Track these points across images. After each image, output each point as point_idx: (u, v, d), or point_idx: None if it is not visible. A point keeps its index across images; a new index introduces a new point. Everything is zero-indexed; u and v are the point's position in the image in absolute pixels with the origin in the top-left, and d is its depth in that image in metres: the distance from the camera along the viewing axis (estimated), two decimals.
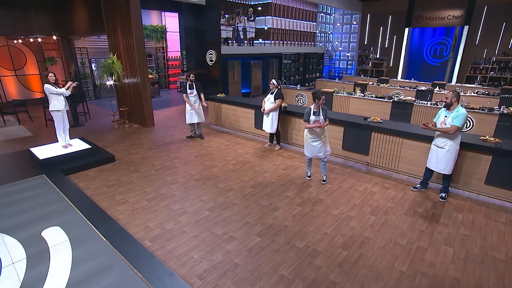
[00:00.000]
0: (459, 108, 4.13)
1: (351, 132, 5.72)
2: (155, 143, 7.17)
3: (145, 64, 8.01)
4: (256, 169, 5.68)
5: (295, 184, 5.06)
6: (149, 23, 14.31)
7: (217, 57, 11.47)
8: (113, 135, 7.78)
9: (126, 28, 7.65)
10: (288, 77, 15.78)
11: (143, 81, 8.05)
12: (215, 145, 7.01)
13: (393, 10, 16.83)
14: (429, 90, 10.29)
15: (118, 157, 6.21)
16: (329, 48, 19.24)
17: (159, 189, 4.89)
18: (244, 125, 7.82)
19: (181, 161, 6.04)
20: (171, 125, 8.80)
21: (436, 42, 16.34)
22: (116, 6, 7.79)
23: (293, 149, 6.74)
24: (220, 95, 8.50)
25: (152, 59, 15.08)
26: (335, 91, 9.43)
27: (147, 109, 8.39)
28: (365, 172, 5.52)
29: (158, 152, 6.56)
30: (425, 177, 4.76)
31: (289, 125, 6.77)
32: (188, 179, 5.23)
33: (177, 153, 6.51)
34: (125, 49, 8.01)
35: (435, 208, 4.34)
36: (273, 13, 14.42)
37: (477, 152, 4.46)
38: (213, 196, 4.67)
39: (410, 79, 14.33)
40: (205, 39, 11.79)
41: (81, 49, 12.19)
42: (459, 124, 4.06)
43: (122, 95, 8.93)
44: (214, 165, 5.87)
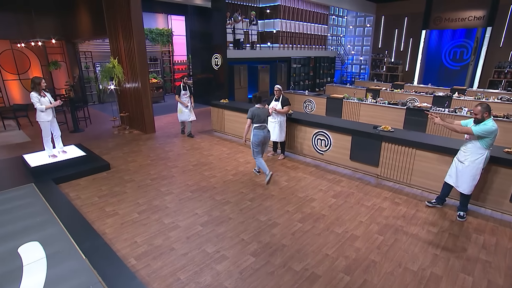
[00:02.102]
0: (489, 121, 3.79)
1: (359, 141, 5.50)
2: (154, 150, 7.11)
3: (146, 69, 8.00)
4: (256, 180, 5.50)
5: (297, 197, 4.85)
6: (155, 26, 14.44)
7: (223, 61, 11.44)
8: (112, 142, 7.75)
9: (127, 32, 7.68)
10: (297, 82, 15.61)
11: (144, 86, 8.04)
12: (216, 154, 6.89)
13: (409, 11, 16.50)
14: (447, 96, 9.91)
15: (114, 165, 6.14)
16: (341, 51, 19.02)
17: (152, 200, 4.76)
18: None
19: (178, 170, 5.93)
20: (172, 132, 8.74)
21: (456, 45, 15.89)
22: (117, 10, 7.84)
23: (298, 159, 6.54)
24: (223, 101, 8.41)
25: (157, 63, 15.19)
26: (345, 97, 9.21)
27: (148, 115, 8.35)
28: (374, 185, 5.25)
29: (156, 160, 6.48)
30: (442, 193, 4.46)
31: (294, 133, 6.59)
32: (183, 190, 5.09)
33: (176, 161, 6.41)
34: (126, 53, 8.04)
35: (452, 228, 4.03)
36: (282, 15, 14.34)
37: (501, 166, 4.15)
38: (209, 209, 4.50)
39: (427, 84, 13.91)
40: (211, 42, 11.80)
41: (85, 53, 12.37)
42: (475, 131, 3.76)
43: (123, 100, 8.95)
44: (212, 175, 5.72)
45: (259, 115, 5.23)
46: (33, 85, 5.33)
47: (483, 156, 3.87)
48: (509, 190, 4.17)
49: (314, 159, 6.45)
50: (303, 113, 7.24)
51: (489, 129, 3.75)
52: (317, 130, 6.11)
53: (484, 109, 3.79)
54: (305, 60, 15.85)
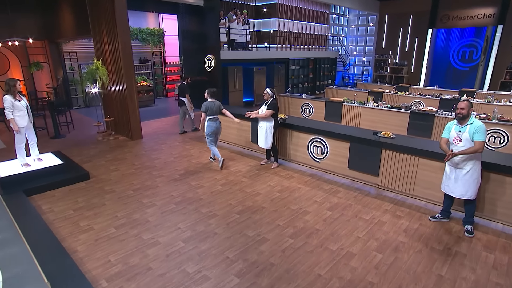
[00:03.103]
0: (473, 120, 3.88)
1: (358, 149, 5.40)
2: (139, 158, 7.02)
3: (132, 71, 7.92)
4: (247, 190, 5.37)
5: (289, 210, 4.70)
6: (146, 26, 14.42)
7: (216, 62, 11.37)
8: (95, 149, 7.64)
9: (112, 32, 7.62)
10: (296, 84, 15.55)
11: (130, 89, 7.96)
12: (205, 162, 6.81)
13: (414, 9, 16.50)
14: (455, 99, 9.81)
15: (94, 174, 6.02)
16: (343, 52, 19.00)
17: (132, 213, 4.61)
18: (239, 138, 7.61)
19: (163, 180, 5.82)
20: (161, 138, 8.65)
21: (464, 45, 15.86)
22: (101, 8, 7.78)
23: (292, 167, 6.42)
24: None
25: (148, 64, 15.15)
26: (344, 100, 9.12)
27: (134, 120, 8.27)
28: (374, 197, 5.11)
29: (141, 168, 6.37)
30: (445, 205, 4.34)
31: (288, 139, 6.51)
32: (167, 202, 4.96)
33: (162, 170, 6.30)
34: (111, 54, 7.97)
35: (459, 245, 3.87)
36: (280, 15, 14.32)
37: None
38: (193, 223, 4.36)
39: (433, 86, 13.83)
40: (204, 43, 11.75)
41: (70, 53, 12.30)
42: (483, 138, 3.77)
43: (108, 104, 8.87)
44: (200, 185, 5.61)
45: (212, 108, 6.16)
46: (8, 87, 5.20)
47: (480, 156, 3.92)
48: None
49: (310, 168, 6.34)
50: (298, 118, 7.16)
51: (482, 126, 3.79)
52: (313, 136, 6.02)
53: (470, 105, 3.90)
54: (304, 62, 15.81)
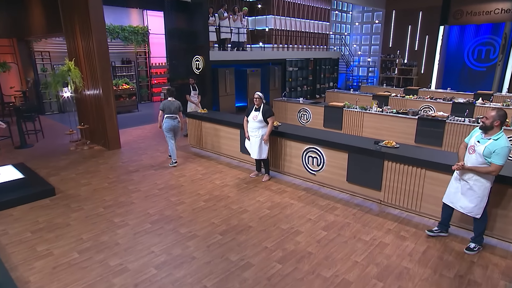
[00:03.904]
0: (500, 136, 3.66)
1: (357, 160, 5.31)
2: (115, 170, 6.93)
3: (109, 73, 7.88)
4: (233, 207, 5.26)
5: (279, 229, 4.57)
6: (128, 23, 14.45)
7: (205, 64, 11.32)
8: (66, 160, 7.53)
9: (86, 29, 7.57)
10: (294, 87, 15.53)
11: (106, 93, 7.89)
12: (188, 174, 6.71)
13: (424, 5, 16.58)
14: (469, 103, 9.77)
15: (61, 190, 5.90)
16: (346, 52, 19.05)
17: (101, 235, 4.46)
18: (228, 148, 7.55)
19: (140, 196, 5.71)
20: (141, 147, 8.56)
21: (480, 43, 15.89)
22: (73, 2, 7.75)
23: (285, 180, 6.33)
24: (201, 111, 8.27)
25: (131, 66, 15.13)
26: (345, 105, 9.07)
27: (111, 128, 8.19)
28: (376, 214, 4.99)
29: (116, 182, 6.27)
30: (443, 216, 4.31)
31: (282, 149, 6.41)
32: (142, 221, 4.83)
33: (139, 184, 6.20)
34: (85, 54, 7.92)
35: (473, 272, 3.72)
36: (276, 11, 14.37)
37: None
38: (169, 245, 4.22)
39: (446, 88, 13.81)
40: (191, 42, 11.71)
41: (42, 53, 12.22)
42: (503, 162, 3.61)
43: (82, 110, 8.79)
44: (180, 201, 5.51)
45: (169, 107, 6.84)
46: None
47: (491, 176, 3.76)
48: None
49: (304, 181, 6.25)
50: (292, 126, 7.09)
51: (506, 149, 3.59)
52: (308, 146, 5.94)
53: (500, 116, 3.64)
54: (303, 63, 15.82)
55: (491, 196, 3.89)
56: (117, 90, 12.85)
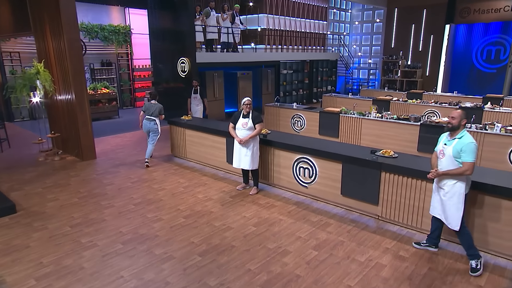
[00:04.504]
0: (464, 134, 3.87)
1: (352, 171, 5.24)
2: (87, 183, 6.82)
3: (83, 76, 7.83)
4: (215, 224, 5.16)
5: (265, 249, 4.46)
6: (109, 22, 14.44)
7: (191, 66, 11.28)
8: (32, 172, 7.40)
9: (56, 28, 7.53)
10: (289, 92, 15.53)
11: (80, 98, 7.82)
12: (169, 187, 6.62)
13: (428, 2, 16.73)
14: (477, 108, 9.76)
15: (24, 206, 5.76)
16: (345, 53, 19.12)
17: (64, 258, 4.32)
18: (214, 158, 7.50)
19: (113, 212, 5.59)
20: (119, 157, 8.47)
21: (489, 42, 16.04)
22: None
23: (274, 193, 6.26)
24: (185, 117, 8.22)
25: (112, 68, 15.06)
26: (342, 111, 9.05)
27: (86, 136, 8.12)
28: (373, 231, 4.90)
29: (87, 197, 6.15)
30: (432, 229, 4.38)
31: (271, 159, 6.36)
32: (112, 241, 4.70)
33: (113, 199, 6.10)
34: (56, 55, 7.87)
35: None
36: (269, 10, 14.41)
37: None
38: (141, 269, 4.09)
39: (452, 92, 13.85)
40: (176, 43, 11.69)
41: (11, 53, 12.10)
42: (473, 159, 3.75)
43: (54, 116, 8.70)
44: (158, 217, 5.39)
45: (149, 109, 7.55)
46: None
47: (464, 178, 3.87)
48: None
49: (296, 194, 6.18)
50: (282, 133, 7.07)
51: (472, 144, 3.75)
52: (299, 155, 5.88)
53: (465, 115, 3.88)
54: (298, 65, 15.85)
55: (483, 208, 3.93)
56: (96, 95, 12.76)
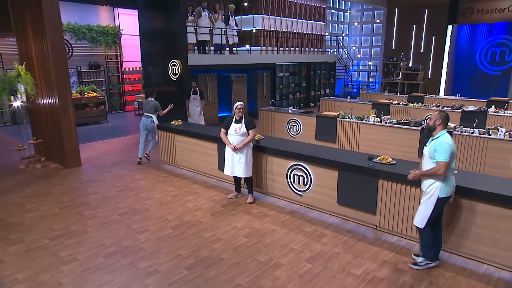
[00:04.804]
0: (441, 135, 4.01)
1: (348, 178, 5.20)
2: (70, 192, 6.76)
3: (67, 79, 7.82)
4: (204, 235, 5.10)
5: (256, 262, 4.40)
6: (97, 22, 14.44)
7: (182, 69, 11.23)
8: (12, 181, 7.35)
9: (39, 29, 7.51)
10: (285, 95, 15.51)
11: (64, 102, 7.80)
12: (157, 196, 6.58)
13: (430, 2, 16.79)
14: (480, 111, 9.76)
15: (1, 217, 5.68)
16: (344, 55, 19.17)
17: (41, 273, 4.23)
18: (205, 165, 7.47)
19: (96, 223, 5.52)
20: (106, 164, 8.44)
21: (494, 43, 16.10)
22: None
23: (267, 202, 6.22)
24: (175, 122, 8.19)
25: (100, 71, 15.03)
26: (339, 115, 9.04)
27: (70, 142, 8.08)
28: (370, 242, 4.85)
29: (69, 207, 6.07)
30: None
31: (264, 166, 6.33)
32: (94, 255, 4.61)
33: (97, 209, 6.03)
34: (39, 57, 7.85)
35: None
36: (264, 10, 14.43)
37: None
38: (123, 284, 4.01)
39: (455, 95, 13.87)
40: (167, 45, 11.65)
41: None
42: (445, 158, 3.84)
43: (36, 121, 8.67)
44: (144, 228, 5.33)
45: (145, 106, 8.22)
46: None
47: (439, 180, 3.95)
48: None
49: (290, 202, 6.15)
50: (276, 139, 7.06)
51: (444, 144, 3.88)
52: (293, 162, 5.86)
53: (441, 116, 4.02)
54: (295, 67, 15.87)
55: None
56: (82, 99, 12.71)
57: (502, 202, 3.96)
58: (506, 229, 3.99)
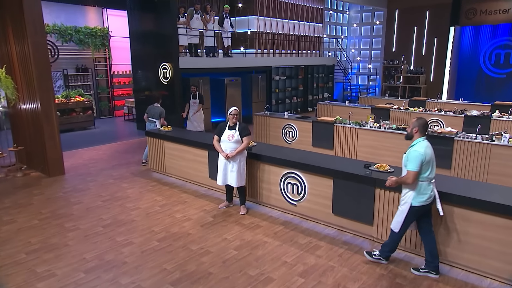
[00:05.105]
0: (417, 143, 4.16)
1: (344, 187, 5.17)
2: (52, 203, 6.67)
3: (49, 83, 7.79)
4: (192, 248, 5.03)
5: (246, 276, 4.33)
6: (84, 24, 14.44)
7: (174, 72, 11.24)
8: None
9: (20, 31, 7.48)
10: (282, 99, 15.52)
11: (47, 107, 7.76)
12: (144, 206, 6.51)
13: (431, 3, 16.91)
14: (484, 116, 9.75)
15: None
16: (343, 58, 19.23)
17: None
18: (195, 173, 7.45)
19: (78, 235, 5.43)
20: (91, 172, 8.38)
21: (498, 45, 16.19)
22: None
23: (260, 212, 6.19)
24: (165, 128, 8.16)
25: (88, 74, 15.00)
26: (336, 120, 9.03)
27: (53, 150, 8.03)
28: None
29: (49, 219, 5.98)
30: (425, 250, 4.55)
31: (256, 174, 6.30)
32: (74, 270, 4.52)
33: (79, 220, 5.94)
34: (20, 60, 7.81)
35: None
36: (259, 12, 14.47)
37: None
38: None
39: (458, 99, 13.89)
40: (158, 47, 11.69)
41: None
42: (413, 167, 4.02)
43: (17, 127, 8.63)
44: (128, 241, 5.26)
45: (151, 111, 8.62)
46: None
47: (413, 189, 4.13)
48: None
49: (284, 212, 6.11)
50: (269, 146, 7.09)
51: (415, 153, 4.03)
52: (286, 170, 5.83)
53: (418, 124, 4.16)
54: (292, 71, 15.89)
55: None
56: (69, 104, 12.65)
57: (505, 212, 3.91)
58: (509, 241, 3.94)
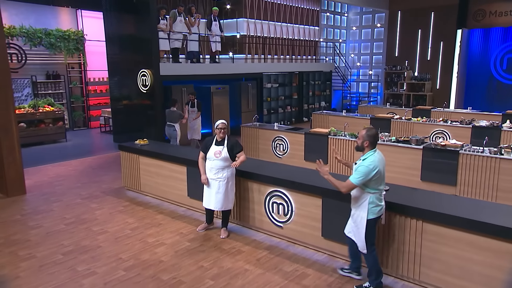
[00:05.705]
0: (367, 157, 4.25)
1: (334, 207, 5.09)
2: (8, 227, 6.52)
3: (9, 91, 7.73)
4: (163, 277, 4.90)
5: None
6: (56, 26, 14.45)
7: (153, 80, 11.19)
8: None
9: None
10: (274, 109, 15.54)
11: (4, 119, 7.68)
12: (113, 229, 6.38)
13: (436, 3, 17.10)
14: (493, 127, 9.73)
15: None
16: (341, 64, 19.33)
17: None
18: (173, 192, 7.38)
19: (32, 265, 5.26)
20: (56, 191, 8.28)
21: (510, 50, 16.36)
22: None
23: (242, 235, 6.10)
24: (140, 141, 8.12)
25: (61, 81, 14.97)
26: (331, 132, 9.01)
27: (12, 167, 7.92)
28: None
29: (2, 246, 5.82)
30: (349, 253, 4.75)
31: (239, 193, 6.24)
32: None
33: (36, 247, 5.78)
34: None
35: None
36: (249, 14, 14.55)
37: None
38: None
39: (467, 107, 13.92)
40: (136, 53, 11.69)
41: None
42: (354, 180, 4.15)
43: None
44: (91, 271, 5.10)
45: (169, 115, 9.96)
46: None
47: (365, 201, 4.24)
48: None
49: (269, 236, 6.02)
50: (254, 160, 7.03)
51: (363, 169, 4.13)
52: (272, 188, 5.77)
53: (368, 136, 4.24)
54: (285, 78, 15.94)
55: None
56: (36, 114, 12.54)
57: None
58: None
